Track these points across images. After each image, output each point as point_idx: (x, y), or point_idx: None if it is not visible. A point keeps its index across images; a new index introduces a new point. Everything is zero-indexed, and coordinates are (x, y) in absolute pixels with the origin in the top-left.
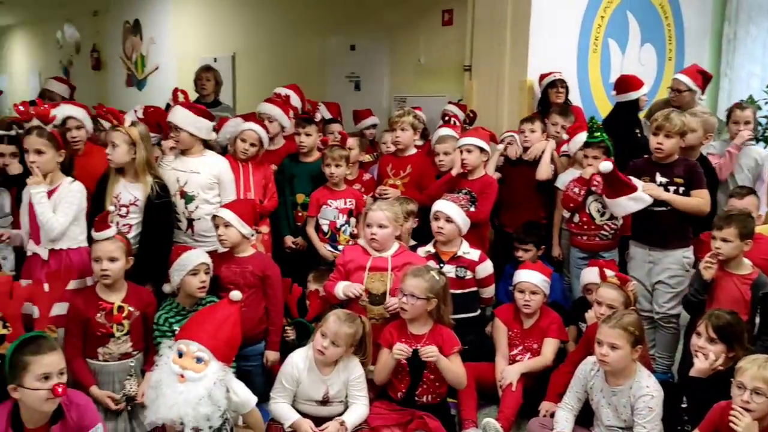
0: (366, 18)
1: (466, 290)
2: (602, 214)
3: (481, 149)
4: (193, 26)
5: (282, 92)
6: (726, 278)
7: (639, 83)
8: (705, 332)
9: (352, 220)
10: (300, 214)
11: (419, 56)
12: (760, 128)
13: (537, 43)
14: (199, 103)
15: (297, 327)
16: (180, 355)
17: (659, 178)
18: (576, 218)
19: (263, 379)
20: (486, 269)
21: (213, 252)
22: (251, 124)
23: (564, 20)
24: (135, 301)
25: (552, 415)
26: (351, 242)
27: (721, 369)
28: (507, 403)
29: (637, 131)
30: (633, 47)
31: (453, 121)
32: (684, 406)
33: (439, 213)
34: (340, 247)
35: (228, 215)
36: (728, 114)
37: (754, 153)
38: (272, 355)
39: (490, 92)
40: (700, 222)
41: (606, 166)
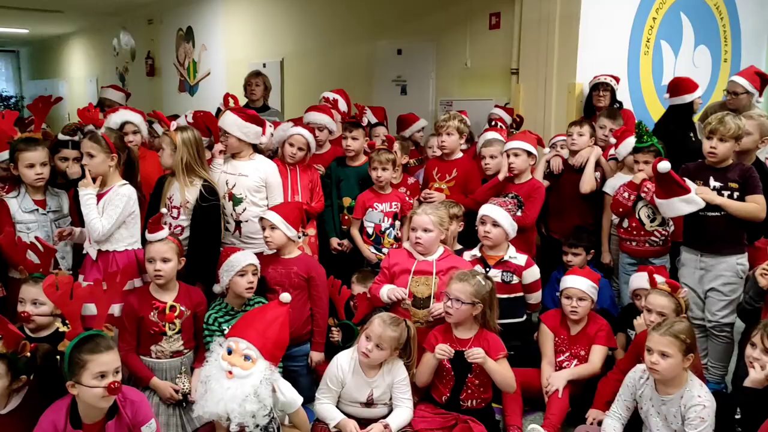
0: (412, 22)
1: (512, 295)
2: (652, 220)
3: (529, 153)
4: (243, 33)
5: (330, 96)
6: None
7: (693, 86)
8: (760, 343)
9: (397, 224)
10: (346, 218)
11: (466, 60)
12: None
13: (586, 46)
14: (248, 108)
15: (343, 329)
16: (229, 352)
17: (713, 183)
18: (625, 223)
19: (309, 380)
20: (533, 274)
21: (260, 254)
22: (299, 129)
23: (614, 22)
24: (186, 301)
25: (599, 424)
26: (395, 245)
27: None
28: (553, 410)
29: (691, 135)
30: (686, 49)
31: (499, 125)
32: (737, 417)
33: (486, 217)
34: (385, 250)
35: (274, 218)
36: None
37: None
38: (317, 356)
39: (538, 96)
40: (756, 228)
41: (664, 166)
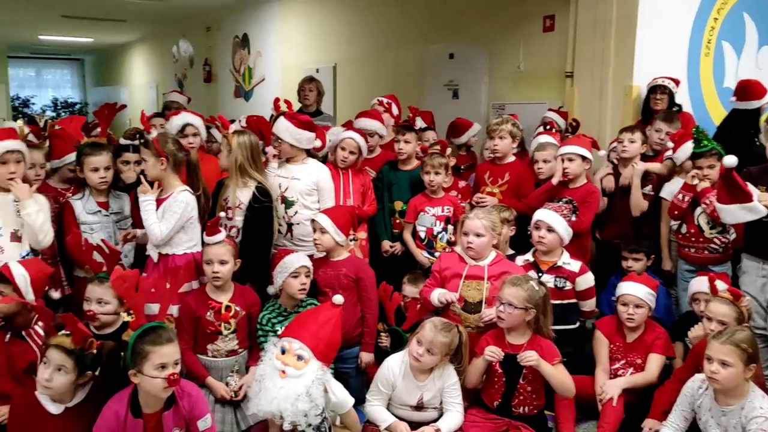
0: (465, 27)
1: (565, 301)
2: (712, 227)
3: (583, 157)
4: (297, 39)
5: (384, 101)
6: None
7: (763, 91)
8: None
9: (450, 228)
10: (398, 221)
11: (519, 63)
12: None
13: (643, 47)
14: (301, 113)
15: (392, 335)
16: (282, 352)
17: None
18: (684, 229)
19: (359, 382)
20: (587, 281)
21: (310, 256)
22: (350, 133)
23: (673, 22)
24: (241, 301)
25: None
26: (448, 249)
27: None
28: (607, 419)
29: (756, 140)
30: (750, 50)
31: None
32: None
33: (541, 222)
34: (437, 254)
35: (325, 221)
36: None
37: None
38: (366, 357)
39: (593, 99)
40: None
41: (731, 161)
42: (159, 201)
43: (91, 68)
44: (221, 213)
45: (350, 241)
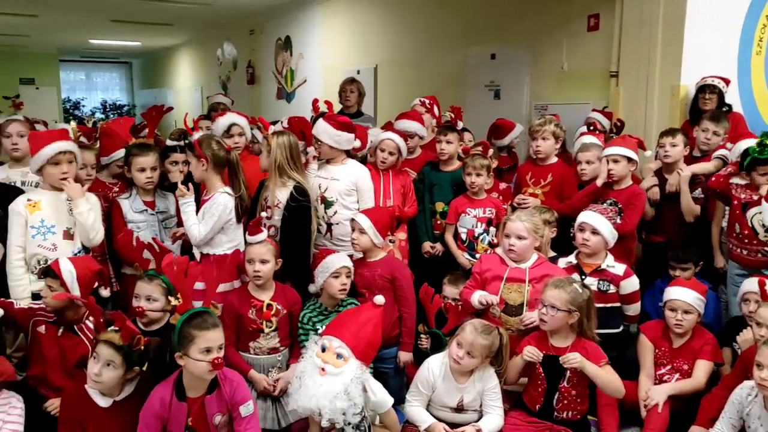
0: (507, 27)
1: (608, 305)
2: (767, 230)
3: (629, 159)
4: (339, 41)
5: (426, 101)
6: None
7: None
8: None
9: (492, 230)
10: (438, 223)
11: (562, 63)
12: None
13: (692, 46)
14: (342, 114)
15: (432, 337)
16: (323, 350)
17: None
18: (737, 230)
19: (398, 382)
20: (631, 285)
21: (349, 256)
22: (389, 134)
23: (723, 20)
24: (282, 300)
25: None
26: (489, 251)
27: None
28: (652, 425)
29: None
30: None
31: (596, 129)
32: None
33: (585, 224)
34: (478, 256)
35: (364, 222)
36: None
37: None
38: (404, 356)
39: (638, 99)
40: None
41: None
42: (202, 201)
43: (139, 71)
44: (263, 213)
45: (388, 242)
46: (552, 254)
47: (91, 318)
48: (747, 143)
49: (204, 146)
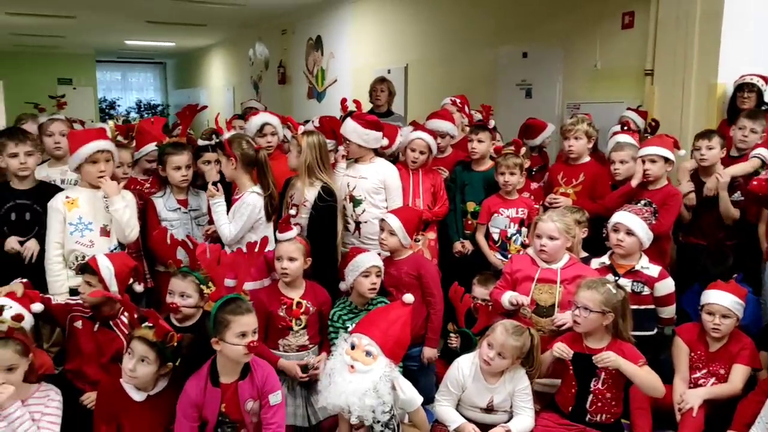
0: (538, 25)
1: (642, 307)
2: None
3: (666, 159)
4: (370, 40)
5: (457, 100)
6: None
7: None
8: None
9: (524, 230)
10: (470, 222)
11: (596, 61)
12: None
13: (730, 43)
14: (373, 113)
15: (462, 336)
16: (352, 347)
17: None
18: None
19: (427, 381)
20: (666, 287)
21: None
22: (419, 133)
23: (762, 16)
24: (312, 298)
25: None
26: (522, 252)
27: None
28: (687, 429)
29: None
30: None
31: (630, 128)
32: None
33: (620, 225)
34: (510, 256)
35: (394, 223)
36: None
37: None
38: (429, 352)
39: (674, 97)
40: None
41: None
42: (233, 200)
43: (173, 71)
44: (291, 211)
45: (414, 242)
46: (584, 255)
47: (126, 314)
48: None
49: (233, 145)
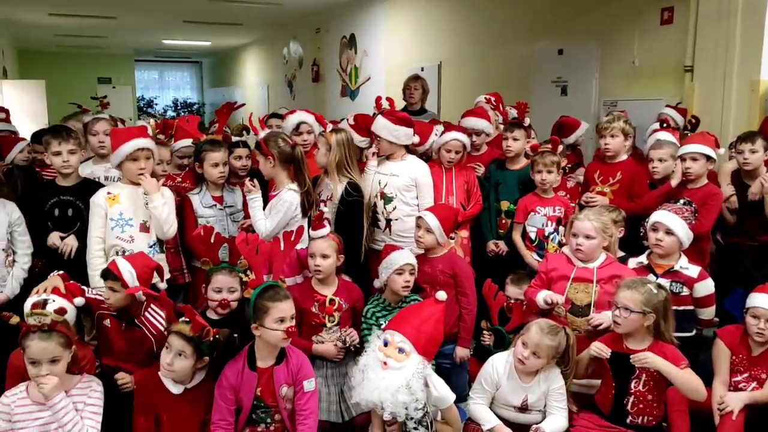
0: (575, 21)
1: (681, 308)
2: None
3: (708, 157)
4: (403, 38)
5: (491, 98)
6: None
7: None
8: None
9: (561, 229)
10: (503, 221)
11: (633, 58)
12: None
13: None
14: (406, 111)
15: (495, 334)
16: (385, 344)
17: None
18: None
19: (460, 379)
20: (706, 288)
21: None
22: (454, 134)
23: None
24: (345, 295)
25: None
26: (559, 251)
27: None
28: None
29: None
30: None
31: (669, 126)
32: None
33: (659, 224)
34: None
35: (432, 221)
36: None
37: None
38: (461, 351)
39: (715, 95)
40: None
41: None
42: (270, 197)
43: (209, 70)
44: (324, 208)
45: (449, 240)
46: (621, 254)
47: (150, 310)
48: None
49: (270, 144)
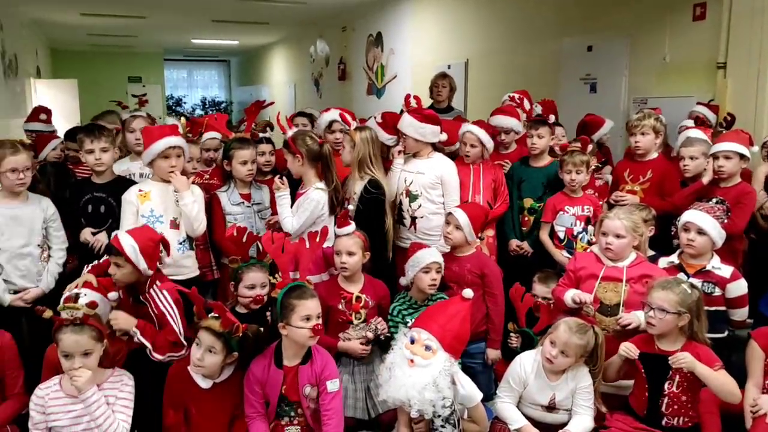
0: (604, 17)
1: (713, 308)
2: None
3: (741, 155)
4: (430, 36)
5: (515, 96)
6: None
7: None
8: None
9: (590, 228)
10: (526, 219)
11: (664, 54)
12: None
13: None
14: (432, 109)
15: (522, 336)
16: (412, 342)
17: None
18: None
19: (487, 378)
20: (739, 288)
21: None
22: (468, 126)
23: None
24: (371, 293)
25: None
26: (588, 250)
27: None
28: None
29: None
30: None
31: (703, 123)
32: None
33: (690, 224)
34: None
35: (462, 218)
36: None
37: None
38: (492, 353)
39: (748, 92)
40: None
41: None
42: (297, 194)
43: (236, 69)
44: (350, 206)
45: (477, 239)
46: (651, 253)
47: (155, 287)
48: None
49: (298, 142)
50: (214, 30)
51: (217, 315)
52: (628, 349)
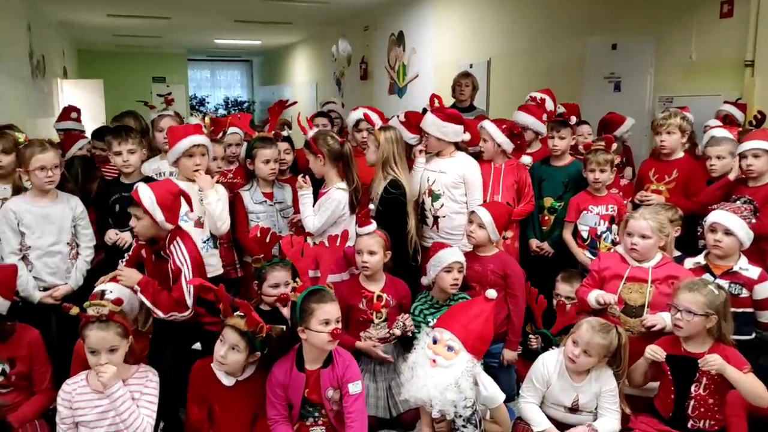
0: (629, 15)
1: (740, 310)
2: None
3: None
4: (452, 35)
5: (537, 96)
6: None
7: None
8: None
9: (614, 228)
10: (546, 218)
11: (690, 52)
12: None
13: None
14: (455, 108)
15: (542, 337)
16: (434, 342)
17: None
18: None
19: (509, 378)
20: (766, 290)
21: None
22: (482, 122)
23: None
24: (392, 292)
25: None
26: (612, 250)
27: None
28: None
29: None
30: None
31: (731, 122)
32: None
33: (717, 225)
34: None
35: (485, 217)
36: None
37: None
38: (509, 354)
39: None
40: None
41: None
42: (320, 194)
43: (259, 69)
44: (371, 206)
45: (501, 238)
46: (677, 254)
47: (175, 243)
48: None
49: (319, 142)
50: (237, 30)
51: (243, 314)
52: (655, 352)
